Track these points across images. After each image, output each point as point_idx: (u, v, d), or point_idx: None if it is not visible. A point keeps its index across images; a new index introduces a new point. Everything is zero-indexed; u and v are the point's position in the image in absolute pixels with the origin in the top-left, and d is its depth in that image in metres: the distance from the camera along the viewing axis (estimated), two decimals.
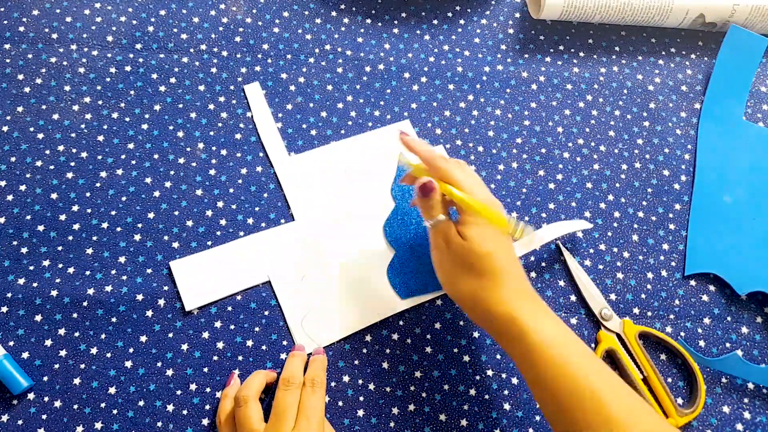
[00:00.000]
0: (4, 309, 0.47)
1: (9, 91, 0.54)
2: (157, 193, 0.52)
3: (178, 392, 0.46)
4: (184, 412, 0.46)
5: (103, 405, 0.45)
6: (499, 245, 0.42)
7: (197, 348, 0.47)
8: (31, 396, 0.45)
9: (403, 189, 0.53)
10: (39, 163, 0.52)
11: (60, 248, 0.49)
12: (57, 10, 0.58)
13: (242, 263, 0.50)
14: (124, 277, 0.49)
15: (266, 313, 0.49)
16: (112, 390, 0.46)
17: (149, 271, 0.49)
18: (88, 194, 0.51)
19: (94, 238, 0.50)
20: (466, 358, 0.49)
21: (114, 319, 0.48)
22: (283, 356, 0.48)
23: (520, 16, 0.63)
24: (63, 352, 0.47)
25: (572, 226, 0.52)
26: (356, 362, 0.48)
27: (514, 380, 0.48)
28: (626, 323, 0.50)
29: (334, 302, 0.49)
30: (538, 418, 0.47)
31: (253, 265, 0.50)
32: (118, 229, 0.51)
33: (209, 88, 0.56)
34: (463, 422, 0.47)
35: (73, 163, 0.52)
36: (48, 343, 0.47)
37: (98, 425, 0.45)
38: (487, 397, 0.48)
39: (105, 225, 0.51)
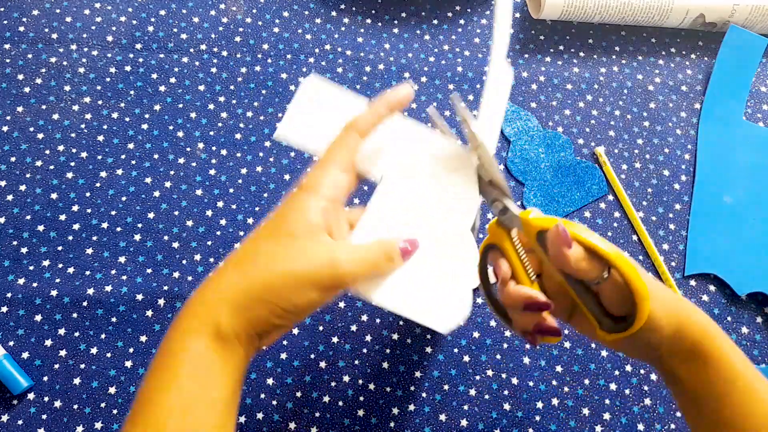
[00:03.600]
0: (4, 309, 0.47)
1: (9, 91, 0.54)
2: (157, 193, 0.52)
3: None
4: None
5: (103, 405, 0.45)
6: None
7: None
8: (31, 396, 0.45)
9: (516, 128, 0.56)
10: (39, 163, 0.52)
11: (60, 248, 0.49)
12: (57, 10, 0.58)
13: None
14: (124, 277, 0.49)
15: None
16: (112, 390, 0.46)
17: (149, 271, 0.49)
18: (88, 194, 0.51)
19: (94, 238, 0.50)
20: (466, 358, 0.49)
21: (114, 319, 0.48)
22: (283, 356, 0.48)
23: (520, 16, 0.63)
24: (63, 352, 0.47)
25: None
26: (356, 362, 0.48)
27: (514, 380, 0.48)
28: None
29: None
30: (538, 418, 0.47)
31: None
32: (118, 229, 0.51)
33: (209, 88, 0.56)
34: (463, 422, 0.47)
35: (73, 163, 0.52)
36: (48, 343, 0.47)
37: (98, 425, 0.45)
38: (487, 397, 0.48)
39: (105, 225, 0.51)
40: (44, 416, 0.45)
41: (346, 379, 0.47)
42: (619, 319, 0.35)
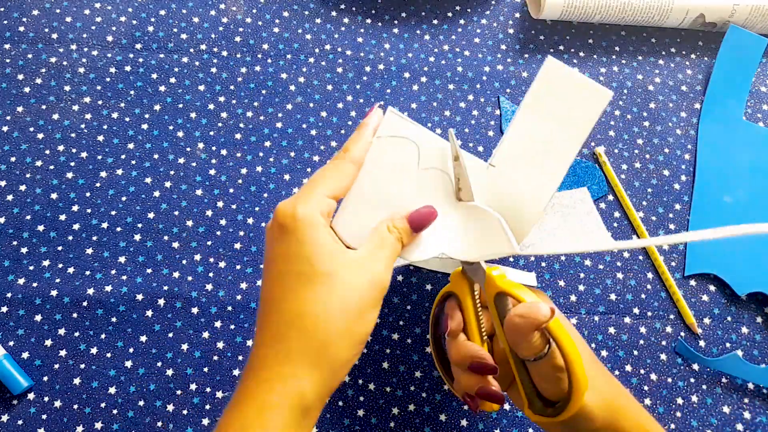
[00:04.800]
0: (4, 309, 0.47)
1: (9, 91, 0.54)
2: (157, 193, 0.52)
3: (178, 392, 0.46)
4: (184, 412, 0.46)
5: (103, 405, 0.45)
6: None
7: (197, 348, 0.47)
8: (31, 396, 0.45)
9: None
10: (39, 163, 0.52)
11: (60, 248, 0.49)
12: (57, 10, 0.58)
13: None
14: (124, 277, 0.49)
15: None
16: (112, 390, 0.46)
17: (149, 271, 0.49)
18: (88, 194, 0.51)
19: (94, 238, 0.50)
20: None
21: (114, 319, 0.48)
22: None
23: (520, 16, 0.63)
24: (63, 352, 0.47)
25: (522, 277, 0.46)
26: (356, 362, 0.48)
27: None
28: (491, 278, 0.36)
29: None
30: None
31: None
32: (118, 229, 0.51)
33: (209, 88, 0.56)
34: (463, 422, 0.47)
35: (73, 163, 0.52)
36: (48, 343, 0.47)
37: (98, 425, 0.45)
38: None
39: (105, 225, 0.51)
40: (44, 416, 0.45)
41: (346, 379, 0.47)
42: (550, 403, 0.34)
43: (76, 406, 0.45)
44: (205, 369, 0.47)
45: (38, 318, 0.47)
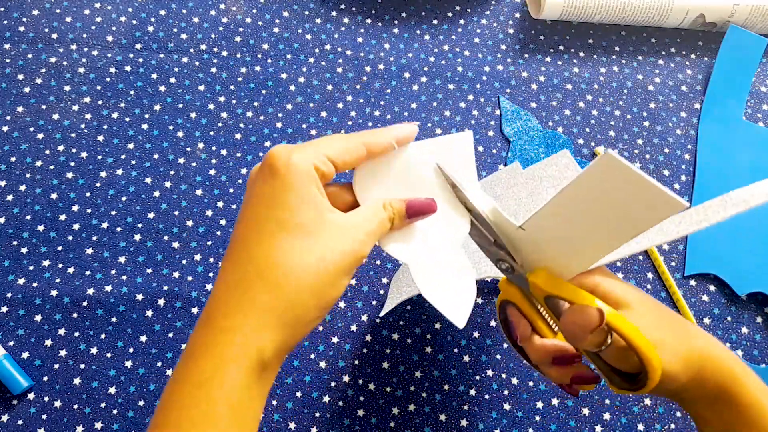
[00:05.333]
0: (4, 309, 0.47)
1: (9, 91, 0.54)
2: (157, 193, 0.52)
3: None
4: None
5: (103, 405, 0.45)
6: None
7: None
8: (31, 396, 0.45)
9: (516, 128, 0.56)
10: (39, 163, 0.52)
11: (60, 248, 0.49)
12: (57, 10, 0.58)
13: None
14: (124, 277, 0.49)
15: None
16: (112, 390, 0.46)
17: (149, 271, 0.49)
18: (88, 194, 0.52)
19: (94, 238, 0.50)
20: (466, 358, 0.49)
21: (114, 319, 0.48)
22: None
23: (520, 16, 0.63)
24: (63, 352, 0.47)
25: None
26: (356, 362, 0.48)
27: (514, 380, 0.48)
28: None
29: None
30: (537, 418, 0.47)
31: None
32: (118, 229, 0.51)
33: (209, 88, 0.56)
34: (463, 422, 0.47)
35: (73, 163, 0.52)
36: (48, 343, 0.47)
37: (98, 425, 0.45)
38: (487, 397, 0.48)
39: (105, 225, 0.51)
40: (44, 416, 0.45)
41: (346, 379, 0.47)
42: (629, 375, 0.34)
43: (76, 406, 0.45)
44: None
45: (38, 318, 0.47)
